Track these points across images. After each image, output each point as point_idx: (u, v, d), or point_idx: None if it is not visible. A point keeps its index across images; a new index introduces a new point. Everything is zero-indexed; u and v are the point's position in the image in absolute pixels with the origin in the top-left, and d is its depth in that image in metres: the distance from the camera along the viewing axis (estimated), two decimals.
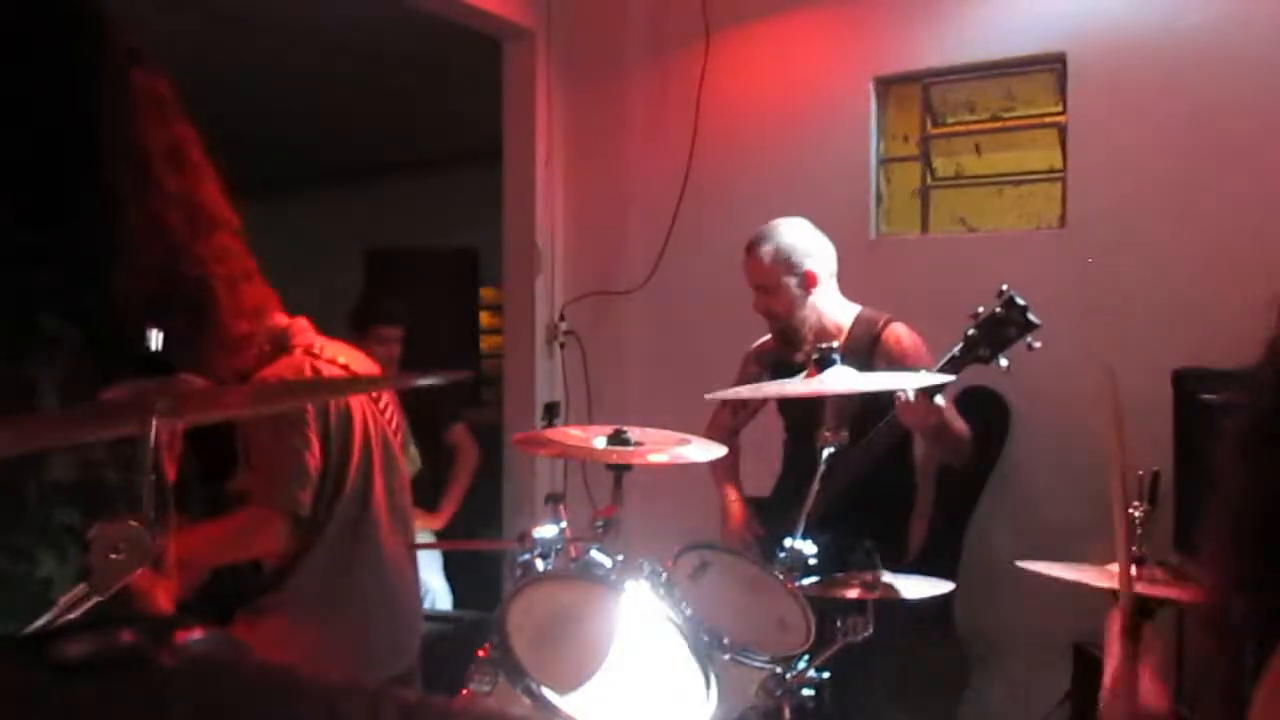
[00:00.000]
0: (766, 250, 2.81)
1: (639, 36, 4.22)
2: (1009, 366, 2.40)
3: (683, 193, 4.02)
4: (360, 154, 7.17)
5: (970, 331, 2.39)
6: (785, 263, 2.80)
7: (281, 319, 2.47)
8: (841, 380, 2.23)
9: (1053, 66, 3.45)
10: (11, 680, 0.39)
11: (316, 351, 2.38)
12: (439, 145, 6.71)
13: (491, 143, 4.41)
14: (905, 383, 2.43)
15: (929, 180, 3.77)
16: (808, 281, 2.80)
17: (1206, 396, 2.69)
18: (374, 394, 2.48)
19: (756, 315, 3.00)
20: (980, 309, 2.41)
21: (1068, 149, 3.41)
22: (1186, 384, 2.84)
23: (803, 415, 2.85)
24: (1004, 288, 2.40)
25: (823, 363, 2.24)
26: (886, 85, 3.78)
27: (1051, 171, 3.50)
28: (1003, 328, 2.36)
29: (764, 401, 3.01)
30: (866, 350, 2.74)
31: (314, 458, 2.26)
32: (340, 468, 2.33)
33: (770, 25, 3.93)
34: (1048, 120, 3.50)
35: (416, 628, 2.62)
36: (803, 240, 2.83)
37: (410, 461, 2.77)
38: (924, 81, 3.72)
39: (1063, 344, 3.31)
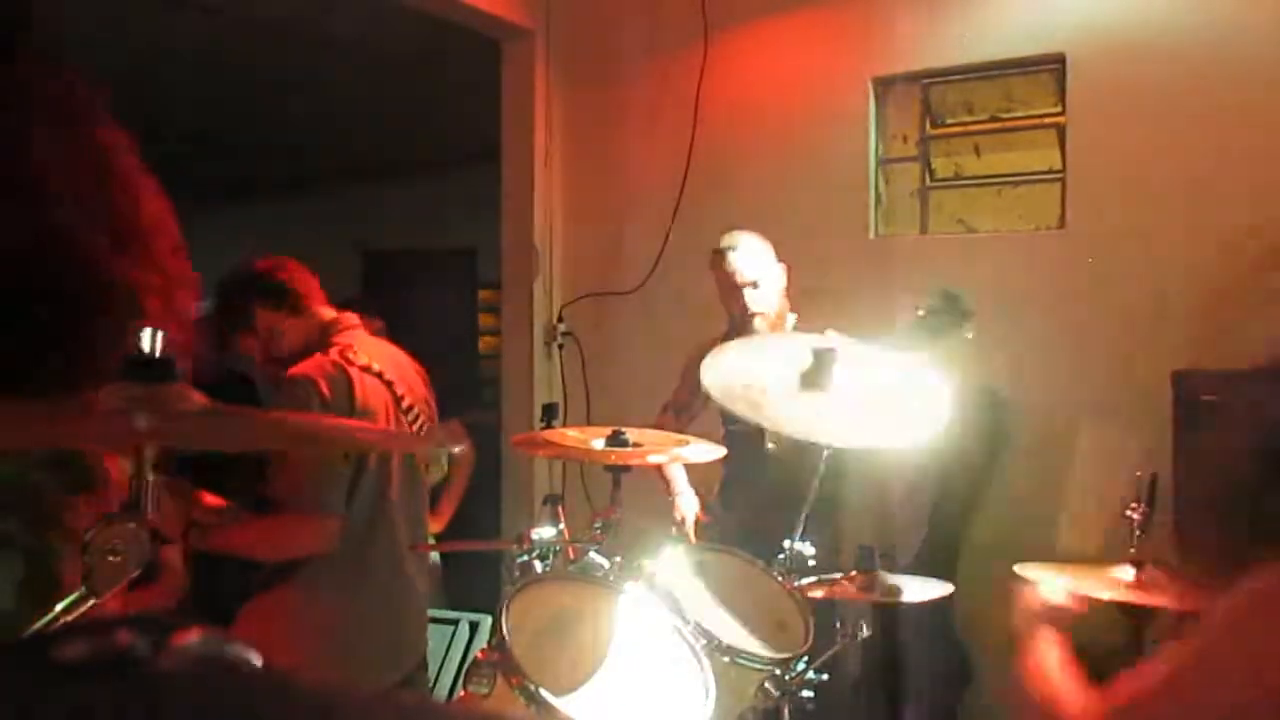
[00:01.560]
0: (754, 247, 2.98)
1: (638, 37, 4.22)
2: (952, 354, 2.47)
3: (681, 193, 4.02)
4: (360, 154, 7.17)
5: (911, 322, 2.50)
6: (770, 259, 2.98)
7: (328, 313, 2.47)
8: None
9: (1052, 67, 3.45)
10: (9, 681, 0.39)
11: (352, 356, 2.35)
12: (439, 145, 6.71)
13: (491, 143, 4.41)
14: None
15: (928, 181, 3.77)
16: (784, 276, 2.99)
17: (1206, 396, 2.69)
18: (404, 399, 2.46)
19: None
20: (921, 306, 2.49)
21: (1067, 149, 3.41)
22: (1186, 384, 2.84)
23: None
24: (945, 289, 2.49)
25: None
26: (885, 86, 3.78)
27: (1051, 172, 3.50)
28: (940, 318, 2.47)
29: (704, 406, 3.08)
30: None
31: (341, 459, 2.26)
32: (356, 469, 2.31)
33: (769, 25, 3.93)
34: (1047, 121, 3.50)
35: (422, 633, 2.61)
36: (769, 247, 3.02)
37: (437, 467, 2.75)
38: (923, 82, 3.72)
39: (1062, 344, 3.33)
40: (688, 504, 3.03)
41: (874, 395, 2.13)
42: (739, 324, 3.01)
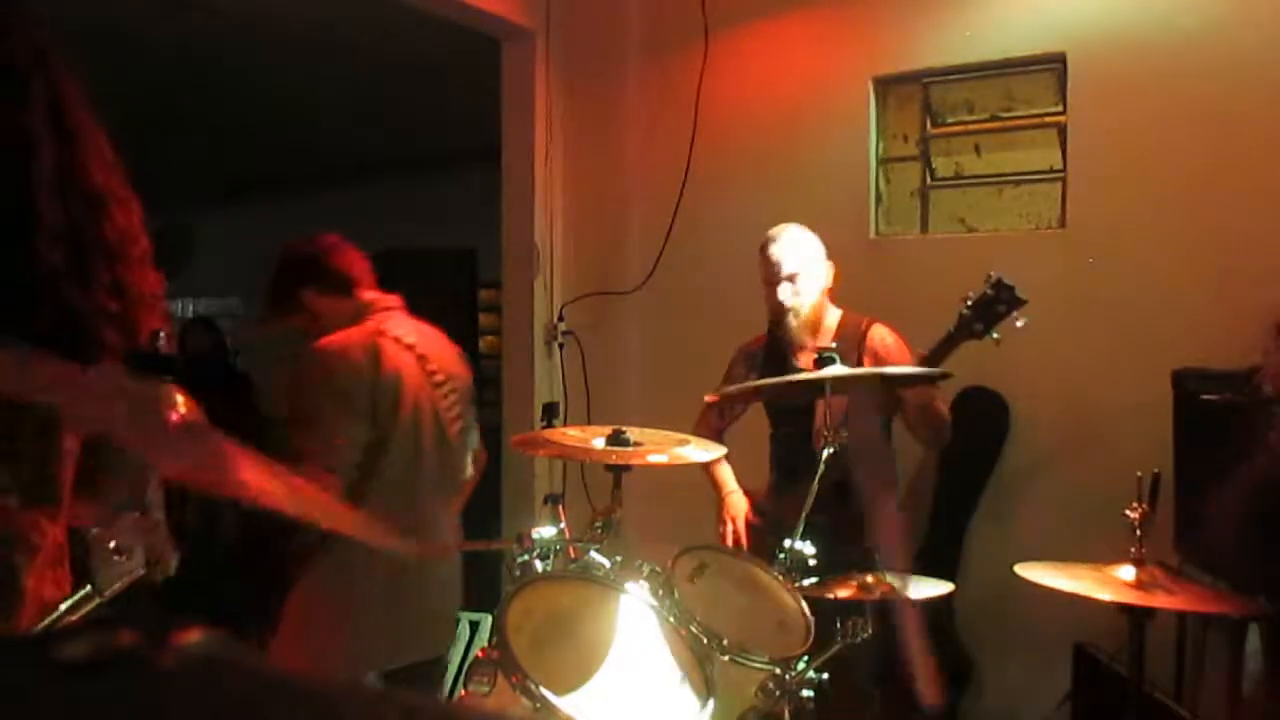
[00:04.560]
0: (802, 239, 2.91)
1: (639, 36, 4.22)
2: (999, 340, 2.52)
3: (682, 193, 4.02)
4: (360, 154, 7.18)
5: (964, 311, 2.52)
6: (817, 253, 2.91)
7: (370, 294, 2.54)
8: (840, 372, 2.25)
9: (1053, 66, 3.45)
10: (10, 680, 0.39)
11: (385, 329, 2.43)
12: (439, 145, 6.71)
13: (491, 143, 4.41)
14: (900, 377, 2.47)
15: (928, 180, 3.77)
16: (830, 273, 2.92)
17: (1206, 396, 2.69)
18: (436, 374, 2.50)
19: (755, 315, 3.00)
20: (971, 293, 2.54)
21: (1067, 149, 3.41)
22: (1186, 384, 2.84)
23: (791, 415, 2.92)
24: (990, 273, 2.53)
25: (822, 364, 2.26)
26: (886, 85, 3.78)
27: (1051, 171, 3.50)
28: (993, 306, 2.50)
29: (746, 406, 3.05)
30: (853, 350, 2.83)
31: (359, 425, 2.30)
32: (383, 439, 2.36)
33: (770, 25, 3.93)
34: (1047, 120, 3.50)
35: (452, 612, 2.63)
36: (818, 241, 2.95)
37: (475, 459, 2.79)
38: (923, 81, 3.72)
39: (1062, 344, 3.33)
40: (737, 504, 2.98)
41: None
42: (774, 319, 2.95)
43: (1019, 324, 2.49)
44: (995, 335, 2.51)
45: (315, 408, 2.31)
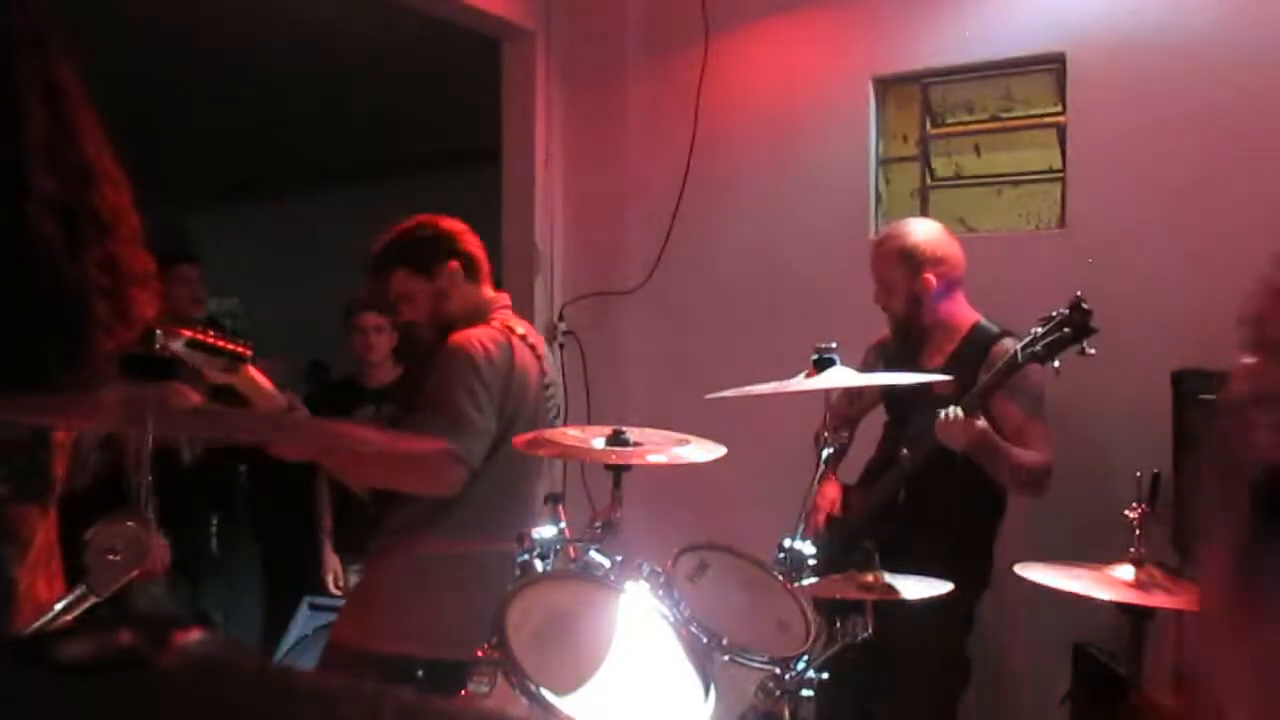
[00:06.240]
0: (892, 248, 2.83)
1: (639, 36, 4.22)
2: (1059, 370, 2.46)
3: (682, 193, 4.02)
4: (360, 154, 7.17)
5: (1036, 330, 2.45)
6: (908, 263, 2.81)
7: (488, 291, 2.64)
8: (838, 379, 2.25)
9: (1052, 66, 3.45)
10: (10, 680, 0.39)
11: (512, 325, 2.54)
12: (439, 145, 6.70)
13: (491, 143, 4.41)
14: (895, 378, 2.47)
15: (928, 180, 3.77)
16: (925, 286, 2.81)
17: (1206, 396, 2.69)
18: (546, 374, 2.58)
19: (756, 314, 3.02)
20: (1055, 312, 2.47)
21: (1067, 149, 3.41)
22: (1186, 384, 2.84)
23: (895, 412, 2.93)
24: (1078, 294, 2.46)
25: (821, 364, 2.26)
26: (886, 85, 3.78)
27: (1051, 171, 3.50)
28: (1061, 331, 2.42)
29: (876, 399, 3.05)
30: (976, 360, 2.75)
31: (491, 416, 2.36)
32: (505, 430, 2.40)
33: (770, 25, 3.93)
34: (1047, 120, 3.50)
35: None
36: (929, 245, 2.83)
37: None
38: (923, 82, 3.72)
39: None
40: (826, 491, 2.94)
41: None
42: (889, 320, 2.89)
43: (1090, 351, 2.43)
44: (1056, 363, 2.44)
45: (454, 401, 2.34)
